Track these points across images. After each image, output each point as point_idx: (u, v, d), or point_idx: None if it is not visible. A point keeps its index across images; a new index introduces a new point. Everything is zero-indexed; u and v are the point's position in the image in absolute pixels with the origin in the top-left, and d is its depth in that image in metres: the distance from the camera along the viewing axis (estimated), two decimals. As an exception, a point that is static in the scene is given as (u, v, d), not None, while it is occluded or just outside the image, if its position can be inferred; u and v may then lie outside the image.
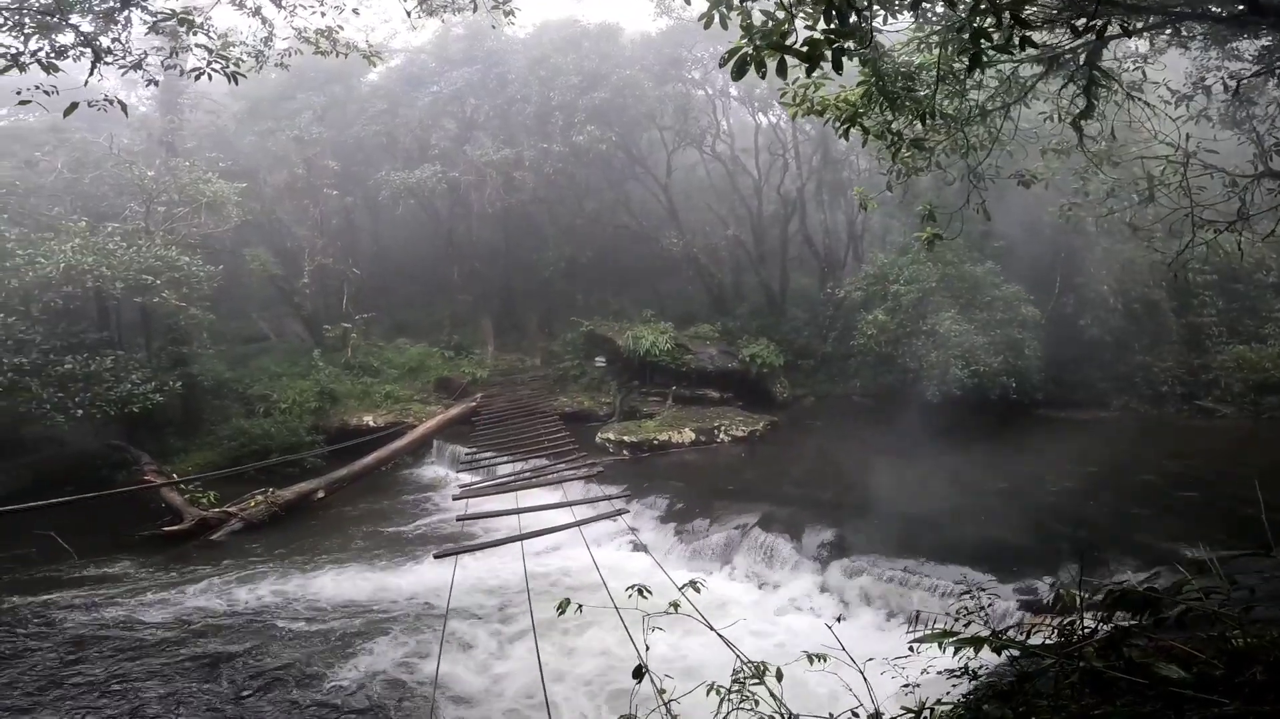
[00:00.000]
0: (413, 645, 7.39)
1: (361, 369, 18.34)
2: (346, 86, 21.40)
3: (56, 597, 8.94)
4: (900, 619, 7.17)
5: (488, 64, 21.15)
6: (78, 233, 14.07)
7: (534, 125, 20.06)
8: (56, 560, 10.19)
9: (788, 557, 8.77)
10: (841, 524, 9.43)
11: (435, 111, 20.93)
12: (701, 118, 21.13)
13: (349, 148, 20.84)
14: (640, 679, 3.39)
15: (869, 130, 5.20)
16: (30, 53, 4.92)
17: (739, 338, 19.42)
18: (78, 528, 11.31)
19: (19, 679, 6.84)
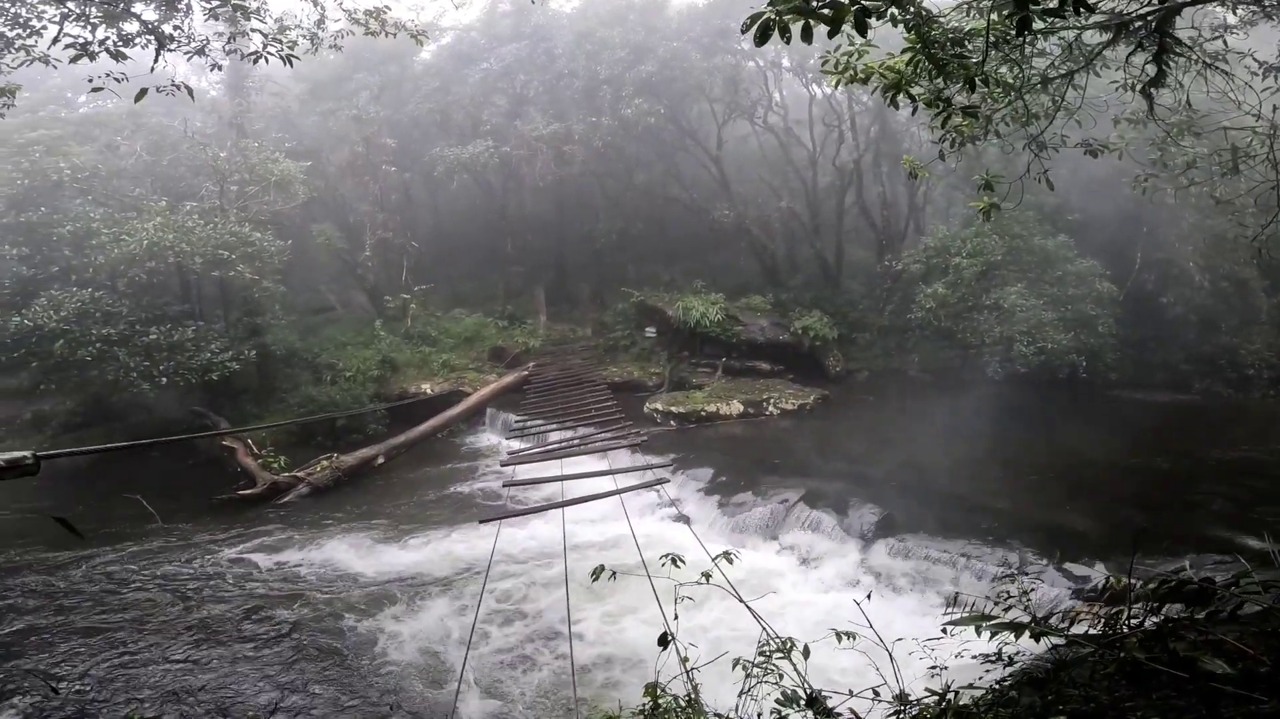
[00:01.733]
0: (455, 606, 7.73)
1: (420, 338, 18.95)
2: (401, 66, 21.75)
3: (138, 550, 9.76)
4: (940, 600, 7.05)
5: (535, 40, 21.19)
6: (159, 212, 14.93)
7: (582, 99, 20.06)
8: (142, 522, 10.90)
9: (832, 533, 8.70)
10: (890, 502, 9.26)
11: (486, 88, 21.12)
12: (752, 89, 20.68)
13: (405, 125, 21.28)
14: (665, 647, 3.45)
15: (916, 98, 4.96)
16: (99, 41, 5.22)
17: (791, 310, 19.12)
18: (163, 492, 12.25)
19: (106, 631, 7.52)
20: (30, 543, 9.96)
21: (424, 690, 6.22)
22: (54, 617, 7.80)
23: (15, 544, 9.99)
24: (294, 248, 16.95)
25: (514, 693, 6.06)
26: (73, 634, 7.33)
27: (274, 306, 16.97)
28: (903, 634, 3.29)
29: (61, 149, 16.59)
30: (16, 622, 7.67)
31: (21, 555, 9.68)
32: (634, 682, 5.85)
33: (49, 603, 8.17)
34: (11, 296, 14.66)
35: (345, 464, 13.08)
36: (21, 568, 9.27)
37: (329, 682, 6.32)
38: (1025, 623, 2.68)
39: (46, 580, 8.80)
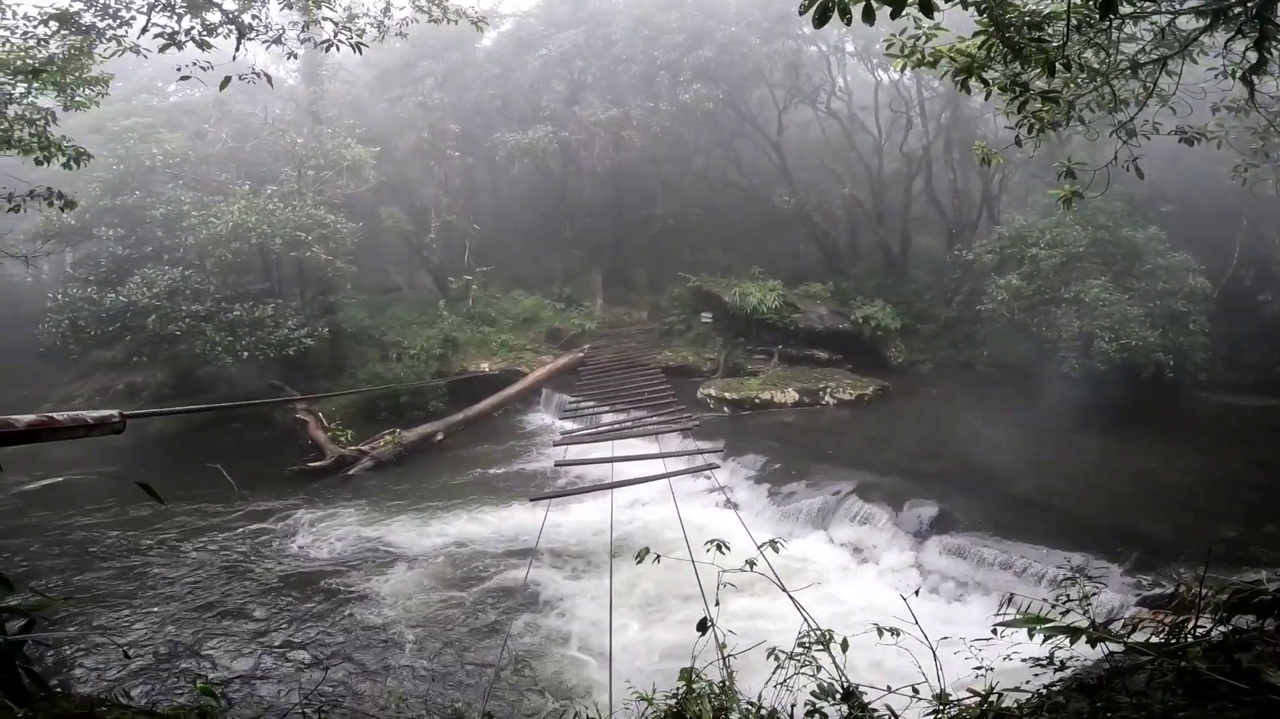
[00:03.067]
0: (502, 580, 7.96)
1: (480, 319, 19.45)
2: (463, 53, 22.14)
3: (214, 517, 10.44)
4: (993, 601, 6.79)
5: (592, 25, 21.29)
6: (243, 195, 15.78)
7: (640, 84, 20.03)
8: (221, 490, 11.50)
9: (884, 527, 8.52)
10: (947, 499, 8.98)
11: (545, 74, 21.31)
12: (815, 74, 20.15)
13: (468, 111, 21.69)
14: (704, 632, 3.47)
15: (990, 83, 4.72)
16: (184, 31, 5.54)
17: (852, 298, 18.63)
18: (241, 462, 13.05)
19: (177, 597, 8.08)
20: (117, 506, 10.67)
21: (468, 655, 6.46)
22: (131, 580, 8.39)
23: (105, 506, 10.75)
24: (364, 230, 17.60)
25: (549, 671, 6.21)
26: (147, 598, 7.86)
27: (346, 286, 17.72)
28: (949, 634, 3.19)
29: (154, 136, 17.72)
30: (98, 584, 8.26)
31: (108, 518, 10.44)
32: (670, 665, 5.90)
33: (128, 566, 8.80)
34: (109, 274, 15.83)
35: (407, 439, 13.61)
36: (107, 530, 10.01)
37: (367, 647, 6.63)
38: (1082, 627, 2.58)
39: (128, 544, 9.48)
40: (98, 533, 9.94)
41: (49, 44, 6.28)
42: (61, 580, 8.35)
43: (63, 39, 6.22)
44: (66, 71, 6.46)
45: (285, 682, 6.11)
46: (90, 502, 10.95)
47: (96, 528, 10.11)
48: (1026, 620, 2.62)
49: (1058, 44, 4.21)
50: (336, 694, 5.84)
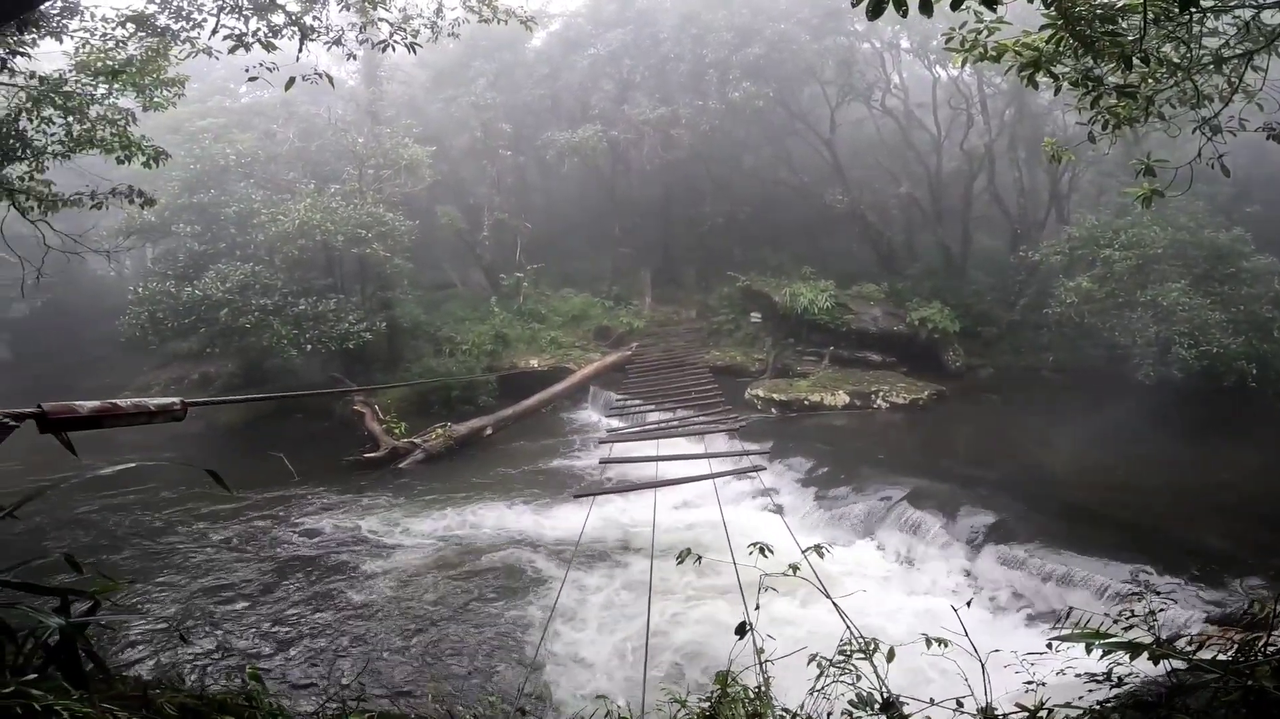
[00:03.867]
0: (544, 573, 8.03)
1: (530, 316, 19.73)
2: (514, 53, 22.53)
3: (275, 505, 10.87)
4: (1050, 615, 6.49)
5: (639, 24, 21.37)
6: (308, 194, 16.45)
7: (689, 83, 20.00)
8: (282, 478, 11.55)
9: (935, 535, 8.22)
10: (1004, 508, 8.60)
11: (594, 73, 21.49)
12: (868, 72, 19.73)
13: (519, 111, 22.05)
14: (742, 636, 3.40)
15: (1060, 78, 4.49)
16: (251, 33, 5.80)
17: (908, 300, 18.08)
18: (302, 451, 13.56)
19: (234, 584, 8.43)
20: (186, 491, 11.18)
21: (506, 650, 6.53)
22: (190, 564, 8.77)
23: (174, 491, 11.31)
24: (421, 227, 18.08)
25: (586, 667, 6.22)
26: (205, 581, 8.20)
27: (403, 282, 18.25)
28: (1000, 647, 3.04)
29: (227, 136, 18.64)
30: (164, 569, 8.65)
31: (176, 503, 10.98)
32: (706, 667, 5.85)
33: (193, 552, 9.21)
34: (186, 269, 16.73)
35: (457, 433, 13.89)
36: (172, 515, 10.53)
37: (408, 635, 6.77)
38: (1144, 643, 2.42)
39: (191, 528, 9.96)
40: (163, 517, 10.45)
41: (127, 46, 6.68)
42: (125, 562, 8.77)
43: (140, 41, 6.62)
44: (144, 73, 6.86)
45: (327, 666, 6.28)
46: (161, 487, 11.53)
47: (162, 512, 10.63)
48: (1084, 635, 2.49)
49: (1133, 38, 3.97)
50: (377, 682, 5.98)
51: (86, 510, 10.68)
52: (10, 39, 5.29)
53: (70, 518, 10.34)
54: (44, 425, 1.36)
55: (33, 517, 9.36)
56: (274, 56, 5.89)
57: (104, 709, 2.35)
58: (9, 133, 6.46)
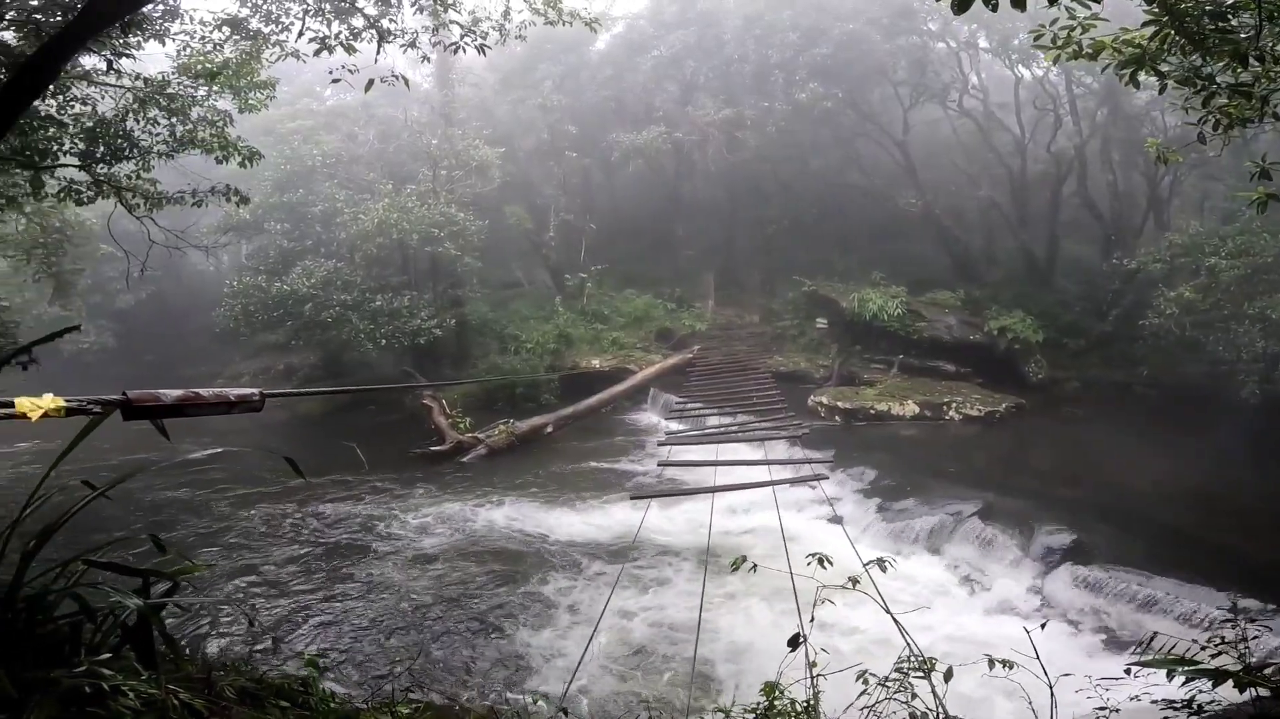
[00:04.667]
0: (596, 573, 8.03)
1: (593, 316, 19.92)
2: (578, 56, 22.88)
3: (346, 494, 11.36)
4: (1129, 641, 6.02)
5: (702, 26, 21.30)
6: (386, 194, 17.18)
7: (753, 84, 19.79)
8: (354, 468, 12.13)
9: (1007, 553, 7.77)
10: (1085, 528, 8.06)
11: (657, 75, 21.57)
12: (944, 71, 19.00)
13: (584, 112, 22.33)
14: (795, 648, 3.29)
15: (1165, 76, 4.18)
16: (334, 35, 6.10)
17: (986, 308, 17.25)
18: (373, 442, 14.08)
19: (303, 572, 8.78)
20: (267, 478, 11.71)
21: (552, 649, 6.56)
22: (265, 548, 9.17)
23: (256, 477, 11.85)
24: (489, 227, 18.58)
25: (630, 669, 6.17)
26: (277, 566, 8.54)
27: (472, 280, 18.81)
28: (1072, 671, 2.83)
29: (314, 138, 19.70)
30: (238, 550, 9.09)
31: (256, 487, 11.52)
32: (753, 677, 5.71)
33: (266, 535, 9.65)
34: (276, 265, 17.78)
35: (519, 430, 14.14)
36: (251, 498, 11.06)
37: (463, 627, 6.90)
38: (1230, 670, 2.22)
39: (270, 514, 10.42)
40: (243, 500, 11.01)
41: (223, 49, 7.16)
42: (204, 544, 9.23)
43: (235, 44, 7.08)
44: (239, 75, 7.33)
45: (382, 653, 6.45)
46: (245, 471, 12.20)
47: (243, 496, 11.21)
48: (1167, 661, 2.32)
49: (1246, 35, 3.66)
50: (426, 673, 6.09)
51: (174, 492, 11.37)
52: (116, 41, 5.76)
53: (159, 499, 11.06)
54: (128, 413, 1.43)
55: (125, 497, 10.08)
56: (354, 59, 6.18)
57: (169, 691, 2.44)
58: (117, 133, 7.03)
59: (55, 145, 6.70)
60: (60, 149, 6.83)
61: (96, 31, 4.23)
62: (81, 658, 2.62)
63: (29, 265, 11.56)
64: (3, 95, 3.69)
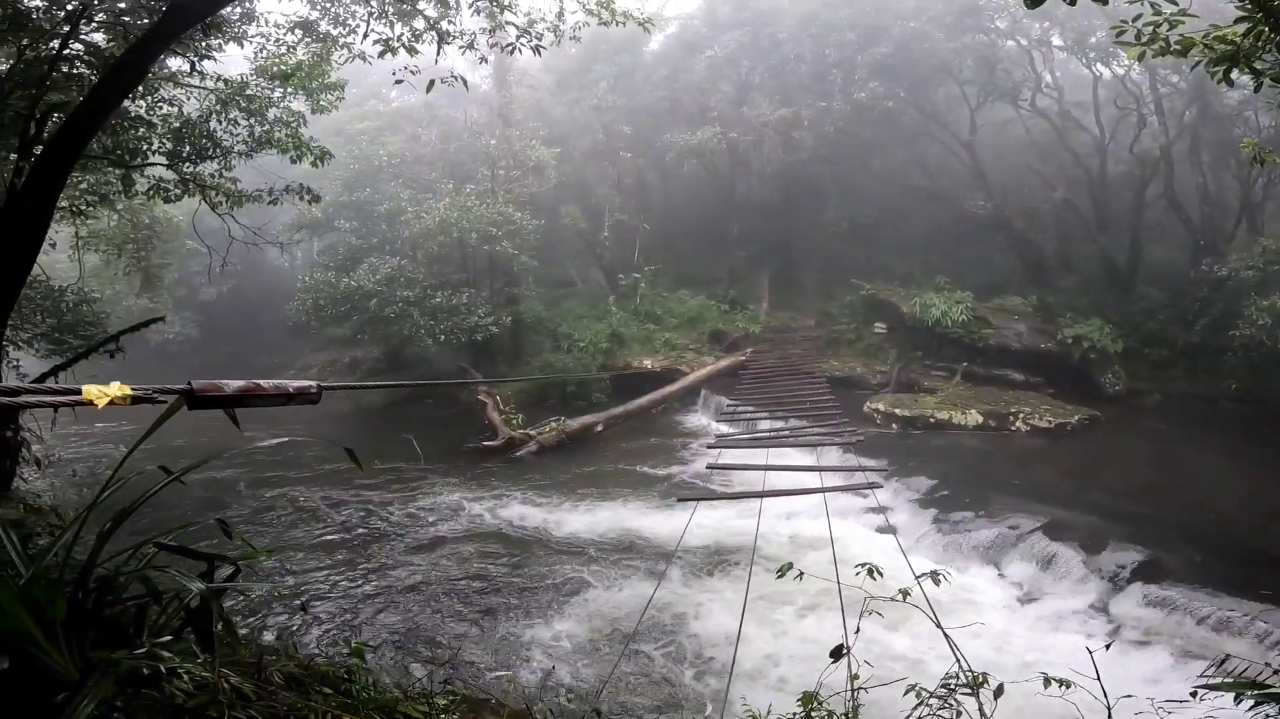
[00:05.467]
0: (641, 573, 8.00)
1: (646, 316, 19.93)
2: (632, 56, 22.99)
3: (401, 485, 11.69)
4: (1198, 663, 5.61)
5: (757, 25, 21.10)
6: (448, 193, 17.66)
7: (810, 84, 19.56)
8: (410, 459, 12.58)
9: (1071, 569, 7.39)
10: (1158, 546, 7.59)
11: (711, 75, 21.45)
12: (1014, 70, 18.23)
13: (638, 113, 22.42)
14: (837, 659, 3.19)
15: (1261, 74, 3.90)
16: (396, 37, 6.32)
17: (1060, 315, 16.43)
18: (429, 435, 14.43)
19: (358, 560, 9.03)
20: (329, 467, 12.16)
21: (590, 649, 6.55)
22: (320, 535, 9.52)
23: (319, 466, 12.34)
24: (545, 227, 18.84)
25: (665, 674, 6.10)
26: (331, 552, 8.85)
27: (528, 279, 19.10)
28: (1134, 693, 2.65)
29: (380, 139, 20.42)
30: (297, 536, 9.45)
31: (318, 475, 12.01)
32: (791, 686, 5.58)
33: (322, 522, 10.01)
34: (344, 262, 18.51)
35: (569, 428, 14.27)
36: (313, 486, 11.48)
37: (503, 623, 6.97)
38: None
39: (328, 502, 10.78)
40: (305, 488, 11.46)
41: (296, 51, 7.52)
42: (265, 529, 9.63)
43: (306, 46, 7.42)
44: (311, 77, 7.68)
45: (428, 644, 6.59)
46: (310, 461, 12.73)
47: (304, 484, 11.67)
48: (1235, 684, 2.17)
49: None
50: (469, 665, 6.18)
51: (240, 478, 11.89)
52: (199, 43, 6.14)
53: (227, 484, 11.57)
54: (192, 402, 1.49)
55: (196, 481, 10.63)
56: (416, 61, 6.39)
57: (221, 674, 2.54)
58: (201, 133, 7.47)
59: (145, 145, 7.18)
60: (149, 148, 7.31)
61: (180, 33, 4.49)
62: (144, 640, 2.73)
63: (120, 260, 12.36)
64: (94, 95, 3.97)
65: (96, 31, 5.83)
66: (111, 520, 2.94)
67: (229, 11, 6.33)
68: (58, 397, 1.34)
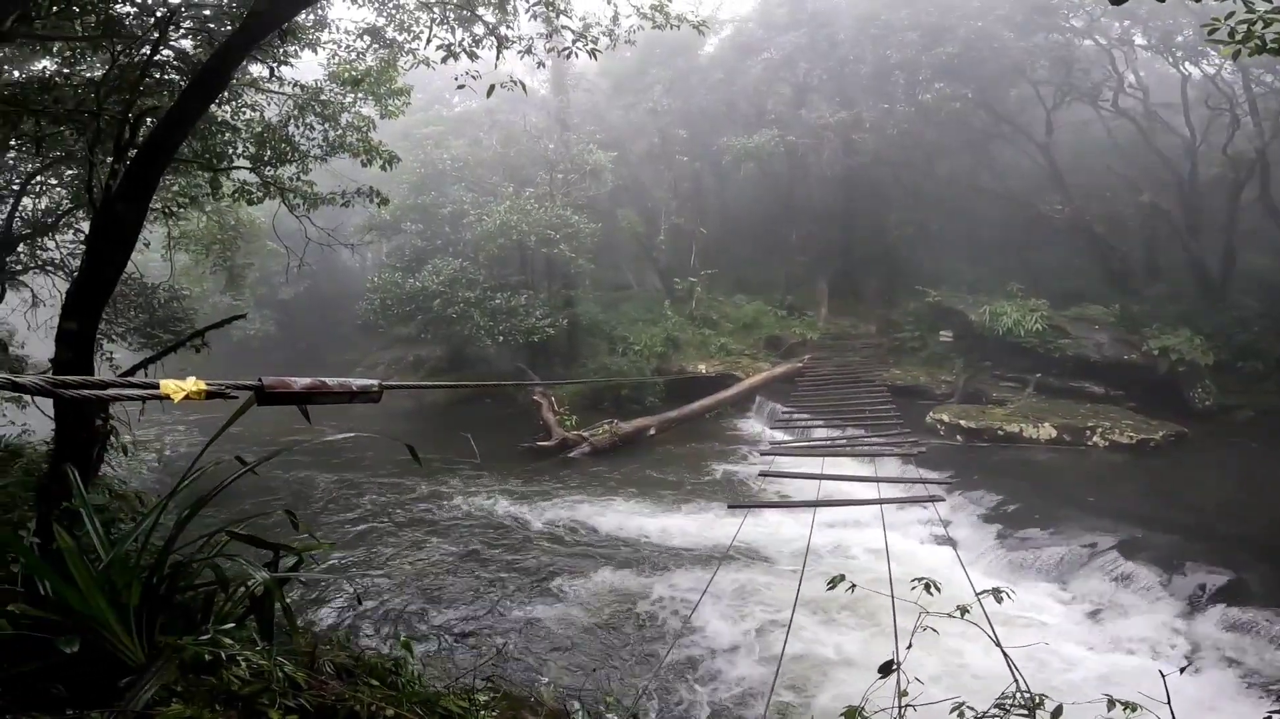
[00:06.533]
0: (687, 580, 7.90)
1: (702, 321, 19.83)
2: (687, 59, 22.95)
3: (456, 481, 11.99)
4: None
5: (813, 27, 20.81)
6: (507, 196, 18.06)
7: (871, 85, 19.13)
8: (467, 456, 12.88)
9: (1147, 589, 6.95)
10: (1244, 568, 7.06)
11: (768, 77, 21.18)
12: (1093, 70, 17.34)
13: (694, 116, 22.35)
14: (886, 675, 3.07)
15: None
16: (458, 43, 6.52)
17: (1145, 325, 15.47)
18: (486, 433, 14.71)
19: (411, 555, 9.23)
20: (391, 462, 12.61)
21: (634, 653, 6.52)
22: (379, 528, 9.80)
23: (381, 461, 12.85)
24: (602, 230, 19.01)
25: (706, 679, 6.00)
26: (388, 545, 9.08)
27: (585, 282, 19.34)
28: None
29: (444, 143, 21.05)
30: (356, 528, 9.77)
31: (379, 470, 12.45)
32: (836, 701, 5.40)
33: (381, 515, 10.32)
34: (410, 263, 19.20)
35: (622, 431, 14.33)
36: (374, 480, 11.92)
37: (546, 623, 7.01)
38: None
39: (386, 496, 11.14)
40: (365, 481, 11.89)
41: (365, 57, 7.86)
42: (327, 520, 9.98)
43: (374, 52, 7.74)
44: (380, 82, 8.01)
45: (474, 637, 6.68)
46: (374, 455, 13.24)
47: (366, 477, 12.12)
48: None
49: None
50: (512, 661, 6.23)
51: (307, 470, 12.44)
52: (277, 50, 6.50)
53: (294, 476, 12.15)
54: (262, 398, 1.58)
55: (267, 472, 11.11)
56: (476, 66, 6.58)
57: (276, 663, 2.64)
58: (281, 138, 7.88)
59: (230, 149, 7.63)
60: (234, 152, 7.77)
61: (260, 38, 4.74)
62: (209, 626, 2.86)
63: (207, 259, 13.18)
64: (183, 100, 4.25)
65: (184, 38, 6.26)
66: (189, 508, 3.09)
67: (303, 18, 6.68)
68: (138, 390, 1.42)
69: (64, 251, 9.76)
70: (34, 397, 1.40)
